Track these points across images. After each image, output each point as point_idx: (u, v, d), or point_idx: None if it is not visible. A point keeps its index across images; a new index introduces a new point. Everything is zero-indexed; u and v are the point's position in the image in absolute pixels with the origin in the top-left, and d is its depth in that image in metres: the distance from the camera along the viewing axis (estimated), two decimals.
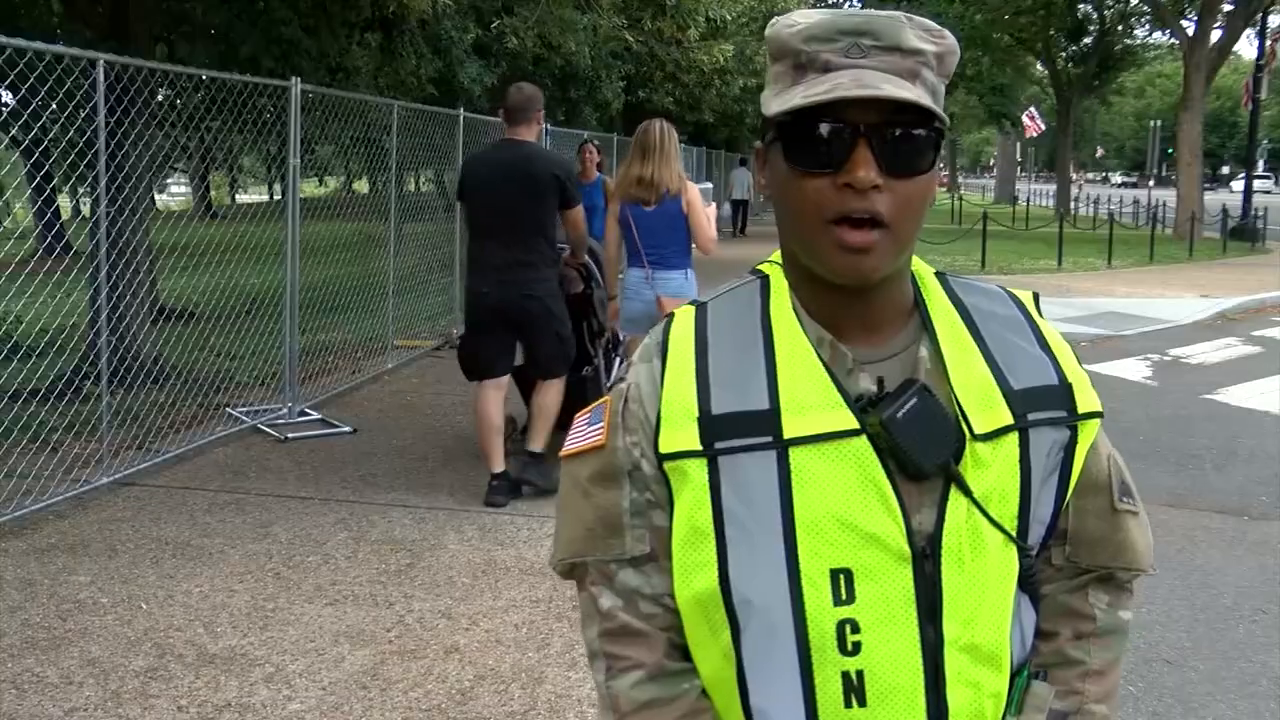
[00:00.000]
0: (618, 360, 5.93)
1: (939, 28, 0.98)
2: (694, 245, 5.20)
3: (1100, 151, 79.15)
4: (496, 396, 4.98)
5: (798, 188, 0.96)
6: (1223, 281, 15.26)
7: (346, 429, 6.33)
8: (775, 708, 1.00)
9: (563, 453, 1.11)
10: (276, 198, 21.61)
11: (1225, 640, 3.77)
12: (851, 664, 0.97)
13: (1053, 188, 40.06)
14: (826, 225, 0.95)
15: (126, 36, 7.31)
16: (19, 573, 4.13)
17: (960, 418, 0.99)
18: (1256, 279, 15.62)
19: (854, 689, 0.97)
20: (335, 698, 3.21)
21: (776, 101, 0.97)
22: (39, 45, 4.80)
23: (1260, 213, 23.43)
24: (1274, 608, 4.05)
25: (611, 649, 1.06)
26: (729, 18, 16.00)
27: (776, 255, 1.09)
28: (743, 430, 0.98)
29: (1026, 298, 1.11)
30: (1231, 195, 35.93)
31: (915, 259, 1.08)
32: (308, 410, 6.74)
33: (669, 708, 1.04)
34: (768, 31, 1.01)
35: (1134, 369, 8.81)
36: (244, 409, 6.66)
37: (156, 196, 15.01)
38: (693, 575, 1.01)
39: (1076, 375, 1.05)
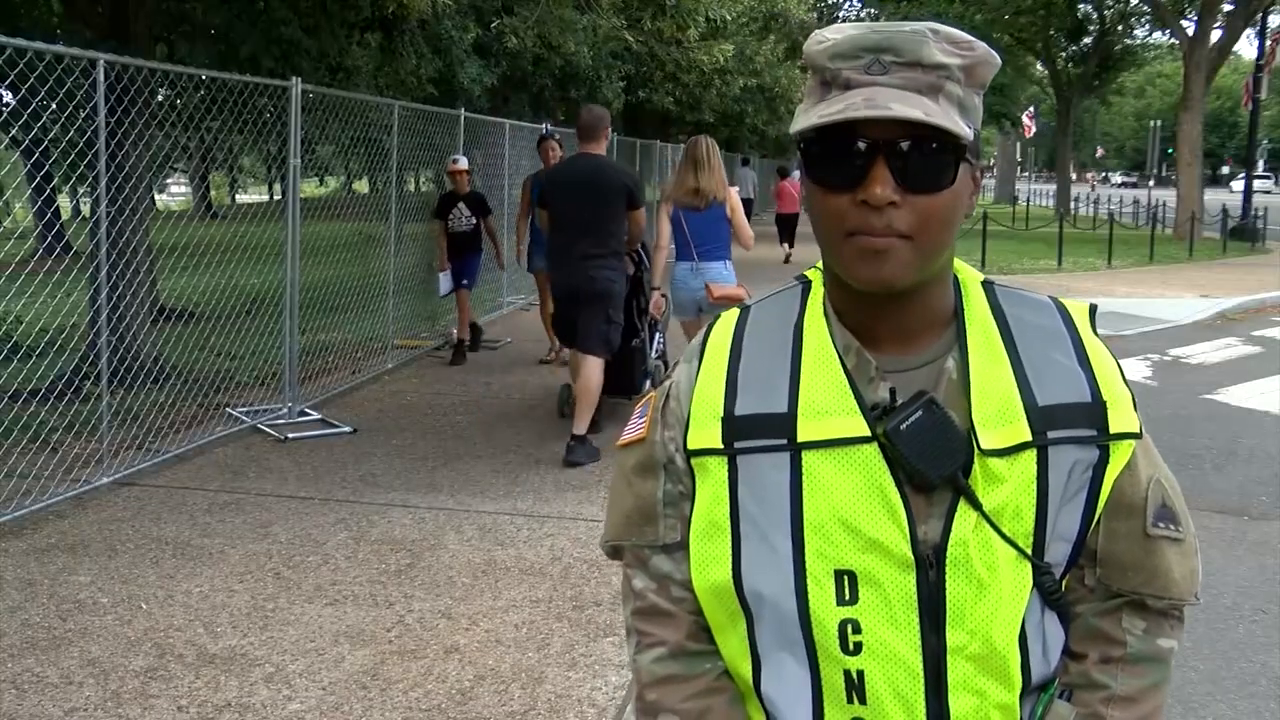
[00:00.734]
0: (657, 335, 6.77)
1: (968, 39, 0.98)
2: (735, 242, 6.00)
3: (1100, 151, 79.15)
4: None
5: (820, 203, 0.98)
6: (1223, 281, 15.26)
7: (346, 429, 6.33)
8: (783, 696, 1.04)
9: (617, 444, 1.19)
10: (276, 198, 21.62)
11: (1225, 640, 3.77)
12: (852, 663, 1.00)
13: (1053, 188, 40.05)
14: (846, 236, 0.96)
15: (126, 36, 7.31)
16: (19, 573, 4.13)
17: (971, 432, 0.99)
18: (1256, 279, 15.62)
19: (855, 687, 1.00)
20: (335, 698, 3.21)
21: (800, 119, 0.98)
22: (39, 45, 4.80)
23: (1260, 213, 23.44)
24: (1274, 608, 4.05)
25: (641, 626, 1.13)
26: (729, 18, 15.98)
27: (820, 262, 1.11)
28: (761, 432, 1.02)
29: (1079, 311, 1.09)
30: (1231, 195, 35.91)
31: (964, 266, 1.09)
32: (308, 410, 6.74)
33: (686, 685, 1.09)
34: (804, 46, 1.02)
35: (1134, 369, 8.81)
36: (244, 409, 6.65)
37: (156, 196, 15.00)
38: (709, 567, 1.06)
39: (1114, 394, 1.03)
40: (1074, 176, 53.54)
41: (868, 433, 0.99)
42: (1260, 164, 52.21)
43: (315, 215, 11.58)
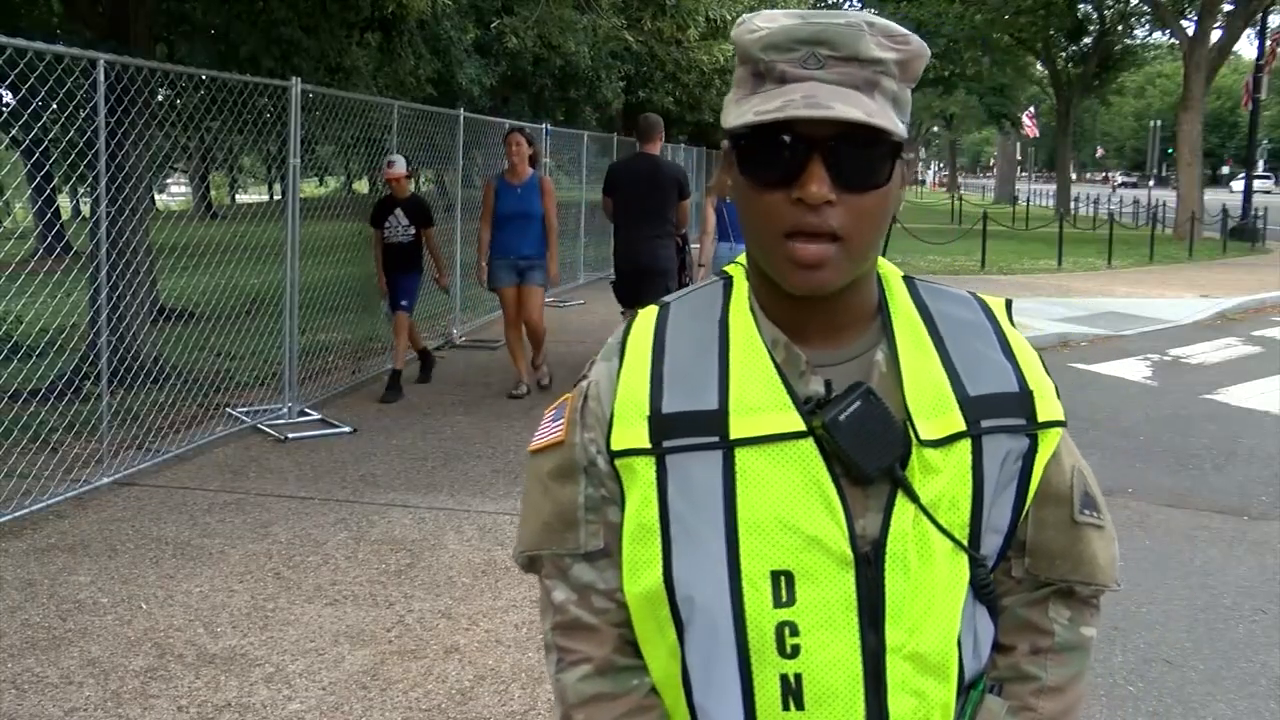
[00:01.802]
0: None
1: (903, 32, 0.96)
2: None
3: (1100, 151, 79.14)
4: None
5: (753, 200, 0.95)
6: (1223, 281, 15.26)
7: (346, 429, 6.33)
8: (716, 707, 1.00)
9: (529, 447, 1.13)
10: (276, 198, 21.61)
11: (1225, 640, 3.77)
12: (790, 667, 0.97)
13: (1053, 188, 40.05)
14: (781, 238, 0.94)
15: (126, 36, 7.32)
16: (19, 573, 4.13)
17: (908, 423, 0.98)
18: (1256, 279, 15.62)
19: (792, 692, 0.97)
20: (335, 698, 3.21)
21: (733, 113, 0.96)
22: (39, 45, 4.80)
23: (1260, 213, 23.44)
24: (1274, 608, 4.05)
25: (563, 642, 1.07)
26: (729, 18, 15.98)
27: (742, 257, 1.09)
28: (691, 430, 0.99)
29: (997, 305, 1.09)
30: (1231, 195, 35.92)
31: (884, 262, 1.08)
32: (308, 410, 6.74)
33: (615, 703, 1.05)
34: (732, 33, 0.99)
35: (1134, 369, 8.81)
36: (244, 409, 6.66)
37: (156, 196, 15.00)
38: (640, 572, 1.01)
39: (1039, 383, 1.03)
40: (1074, 176, 53.50)
41: (803, 427, 0.97)
42: (1260, 164, 52.19)
43: (315, 215, 11.58)
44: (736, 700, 0.98)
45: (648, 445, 1.00)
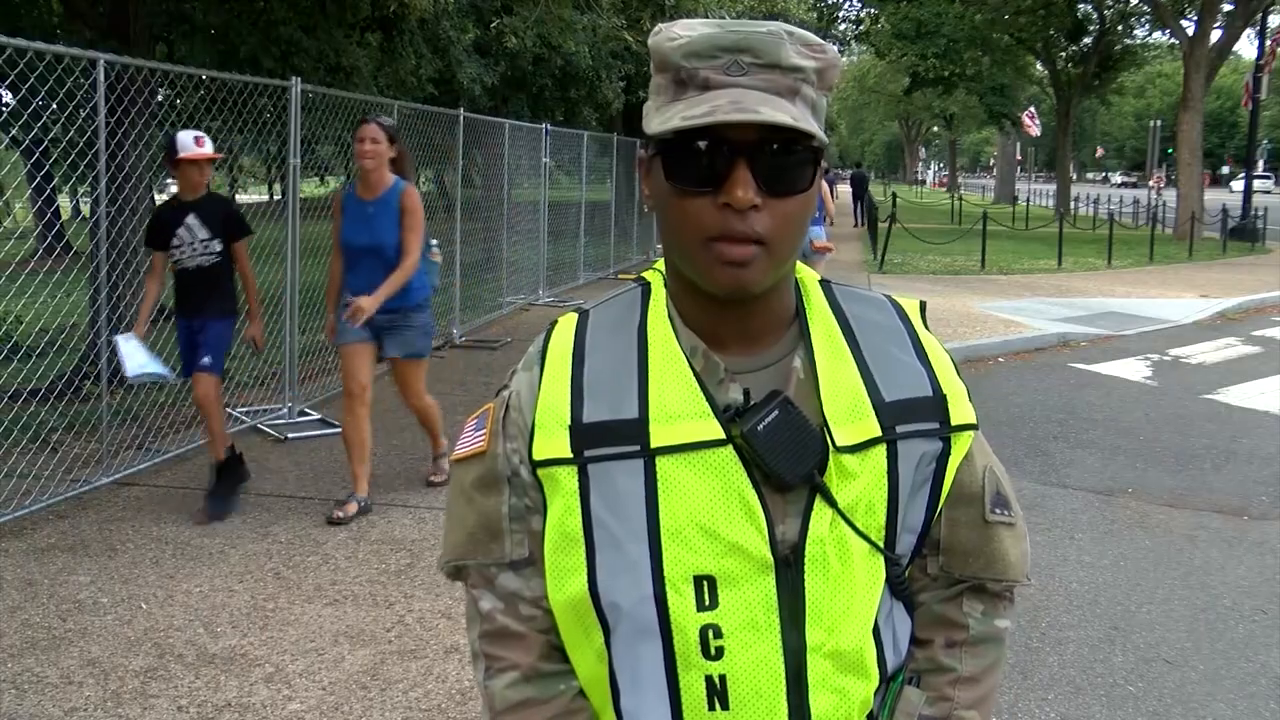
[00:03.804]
0: None
1: (819, 41, 0.98)
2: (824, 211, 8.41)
3: (1100, 151, 79.18)
4: None
5: (678, 205, 0.96)
6: (1223, 281, 15.26)
7: None
8: (643, 709, 1.02)
9: (452, 457, 1.14)
10: (276, 198, 21.61)
11: (1225, 640, 3.77)
12: (714, 668, 0.99)
13: (1053, 188, 40.04)
14: (706, 242, 0.95)
15: (126, 36, 7.32)
16: (19, 573, 4.13)
17: (824, 430, 1.00)
18: (1256, 279, 15.63)
19: (717, 693, 0.99)
20: (335, 698, 3.21)
21: (657, 119, 0.97)
22: (39, 45, 4.80)
23: (1260, 213, 23.44)
24: (1274, 608, 4.06)
25: (490, 650, 1.08)
26: (729, 18, 16.02)
27: (660, 263, 1.10)
28: (612, 439, 1.00)
29: (911, 307, 1.11)
30: (1231, 195, 35.90)
31: (801, 266, 1.09)
32: (307, 410, 6.74)
33: (542, 708, 1.06)
34: (650, 40, 1.00)
35: (1134, 369, 8.82)
36: (244, 409, 6.66)
37: (156, 196, 14.98)
38: (564, 580, 1.03)
39: (952, 387, 1.06)
40: (1074, 176, 53.49)
41: (722, 435, 0.98)
42: (1260, 164, 52.20)
43: (315, 215, 11.58)
44: (664, 702, 1.00)
45: (569, 455, 1.00)
